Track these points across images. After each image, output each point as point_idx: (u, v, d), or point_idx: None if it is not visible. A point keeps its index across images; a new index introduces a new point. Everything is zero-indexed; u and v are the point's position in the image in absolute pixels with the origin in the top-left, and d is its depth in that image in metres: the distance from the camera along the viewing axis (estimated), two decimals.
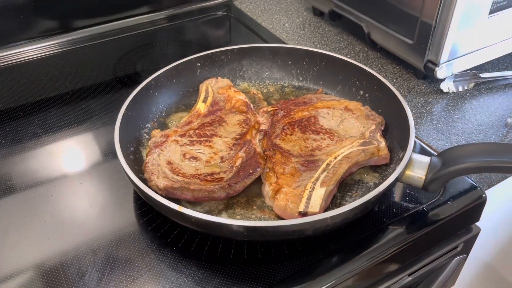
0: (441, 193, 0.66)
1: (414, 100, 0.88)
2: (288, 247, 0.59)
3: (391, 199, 0.66)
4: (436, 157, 0.61)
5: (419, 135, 0.80)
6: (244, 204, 0.63)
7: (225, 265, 0.57)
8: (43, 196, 0.67)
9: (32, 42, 1.02)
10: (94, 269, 0.57)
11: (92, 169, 0.73)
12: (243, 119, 0.74)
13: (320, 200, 0.58)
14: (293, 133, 0.71)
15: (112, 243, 0.60)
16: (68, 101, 0.87)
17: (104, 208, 0.66)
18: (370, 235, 0.61)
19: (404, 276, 0.66)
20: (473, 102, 0.87)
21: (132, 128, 0.71)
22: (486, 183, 0.74)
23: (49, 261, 0.58)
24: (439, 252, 0.68)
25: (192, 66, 0.83)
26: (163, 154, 0.66)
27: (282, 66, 0.86)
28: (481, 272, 1.19)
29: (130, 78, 0.94)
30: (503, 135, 0.80)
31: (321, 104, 0.76)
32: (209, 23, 1.16)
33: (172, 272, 0.56)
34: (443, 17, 0.80)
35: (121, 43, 1.06)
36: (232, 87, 0.80)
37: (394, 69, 0.97)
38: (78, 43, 1.05)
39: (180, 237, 0.60)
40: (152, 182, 0.61)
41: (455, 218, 0.65)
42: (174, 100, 0.81)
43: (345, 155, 0.65)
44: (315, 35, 1.09)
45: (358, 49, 1.04)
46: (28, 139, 0.78)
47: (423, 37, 0.85)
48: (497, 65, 0.97)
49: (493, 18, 0.85)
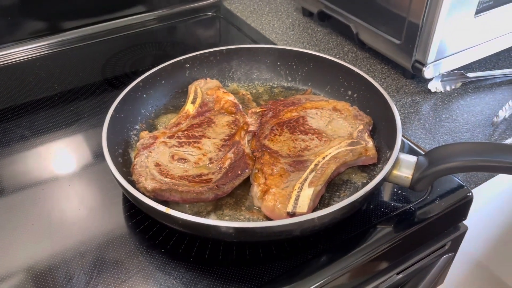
0: (428, 192, 0.67)
1: (402, 100, 0.89)
2: (276, 247, 0.59)
3: (379, 198, 0.66)
4: (423, 156, 0.62)
5: (407, 135, 0.80)
6: (233, 205, 0.63)
7: (214, 266, 0.57)
8: (31, 199, 0.67)
9: (20, 44, 1.02)
10: (82, 272, 0.56)
11: (80, 171, 0.73)
12: (232, 120, 0.74)
13: (308, 200, 0.59)
14: (281, 133, 0.71)
15: (101, 245, 0.60)
16: (56, 103, 0.87)
17: (93, 210, 0.65)
18: (358, 234, 0.61)
19: (393, 275, 0.67)
20: (460, 102, 0.88)
21: (120, 130, 0.71)
22: (473, 181, 0.75)
23: (37, 264, 0.58)
24: (427, 251, 0.69)
25: (181, 67, 0.83)
26: (152, 156, 0.66)
27: (271, 66, 0.86)
28: (471, 269, 1.20)
29: (118, 79, 0.94)
30: (489, 134, 0.81)
31: (310, 104, 0.77)
32: (198, 24, 1.16)
33: (161, 274, 0.56)
34: (429, 18, 0.81)
35: (110, 44, 1.06)
36: (221, 88, 0.81)
37: (382, 69, 0.98)
38: (66, 44, 1.04)
39: (169, 238, 0.60)
40: (140, 184, 0.61)
41: (443, 217, 0.65)
42: (163, 102, 0.81)
43: (333, 155, 0.66)
44: (305, 36, 1.10)
45: (347, 49, 1.04)
46: (16, 141, 0.78)
47: (411, 37, 0.86)
48: (483, 64, 0.98)
49: (479, 18, 0.86)
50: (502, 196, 1.02)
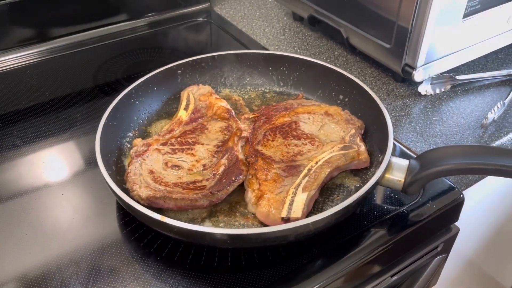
0: (420, 195, 0.67)
1: (393, 103, 0.90)
2: (271, 253, 0.59)
3: (372, 202, 0.67)
4: (414, 160, 0.63)
5: (399, 138, 0.81)
6: (227, 211, 0.63)
7: (210, 273, 0.57)
8: (24, 209, 0.67)
9: (10, 52, 1.01)
10: (77, 281, 0.56)
11: (74, 179, 0.72)
12: (225, 126, 0.74)
13: (302, 205, 0.59)
14: (274, 139, 0.72)
15: (96, 254, 0.60)
16: (48, 111, 0.87)
17: (87, 219, 0.65)
18: (352, 238, 0.62)
19: (387, 277, 0.67)
20: (450, 104, 0.89)
21: (113, 137, 0.71)
22: (464, 183, 0.76)
23: (31, 274, 0.58)
24: (420, 253, 0.70)
25: (173, 74, 0.83)
26: (145, 163, 0.66)
27: (263, 72, 0.87)
28: (464, 269, 1.21)
29: (110, 86, 0.94)
30: (479, 136, 0.82)
31: (302, 109, 0.77)
32: (189, 30, 1.16)
33: (157, 281, 0.56)
34: (418, 21, 0.82)
35: (101, 51, 1.06)
36: (213, 94, 0.81)
37: (373, 73, 0.98)
38: (57, 51, 1.04)
39: (164, 246, 0.60)
40: (134, 192, 0.61)
41: (435, 219, 0.66)
42: (156, 108, 0.81)
43: (326, 159, 0.66)
44: (295, 40, 1.10)
45: (338, 53, 1.05)
46: (7, 150, 0.77)
47: (400, 41, 0.87)
48: (472, 67, 0.99)
49: (467, 21, 0.87)
50: (492, 197, 1.03)
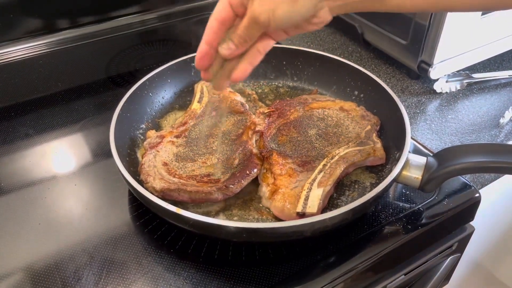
0: (436, 193, 0.66)
1: (408, 100, 0.89)
2: (286, 248, 0.59)
3: (387, 199, 0.66)
4: (432, 157, 0.62)
5: (413, 135, 0.80)
6: (241, 205, 0.63)
7: (223, 267, 0.57)
8: (37, 199, 0.66)
9: (22, 41, 1.01)
10: (90, 272, 0.56)
11: (86, 170, 0.72)
12: (239, 120, 0.74)
13: (317, 200, 0.58)
14: (289, 133, 0.71)
15: (108, 245, 0.59)
16: (60, 101, 0.86)
17: (99, 210, 0.65)
18: (367, 235, 0.61)
19: (400, 275, 0.66)
20: (465, 103, 0.88)
21: (126, 129, 0.70)
22: (480, 182, 0.75)
23: (45, 264, 0.57)
24: (434, 251, 0.69)
25: (187, 66, 0.82)
26: (159, 155, 0.65)
27: (276, 66, 0.86)
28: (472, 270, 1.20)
29: (123, 78, 0.93)
30: (495, 135, 0.81)
31: (317, 104, 0.76)
32: (201, 23, 1.16)
33: (170, 274, 0.56)
34: (436, 18, 0.81)
35: (113, 42, 1.05)
36: (227, 87, 0.80)
37: (387, 70, 0.97)
38: (69, 42, 1.03)
39: (177, 239, 0.60)
40: (148, 184, 0.60)
41: (450, 218, 0.65)
42: (169, 101, 0.80)
43: (341, 155, 0.66)
44: (309, 35, 1.09)
45: (352, 49, 1.04)
46: (20, 140, 0.77)
47: (417, 37, 0.86)
48: (487, 65, 0.98)
49: (485, 19, 0.86)
50: (507, 197, 1.02)
